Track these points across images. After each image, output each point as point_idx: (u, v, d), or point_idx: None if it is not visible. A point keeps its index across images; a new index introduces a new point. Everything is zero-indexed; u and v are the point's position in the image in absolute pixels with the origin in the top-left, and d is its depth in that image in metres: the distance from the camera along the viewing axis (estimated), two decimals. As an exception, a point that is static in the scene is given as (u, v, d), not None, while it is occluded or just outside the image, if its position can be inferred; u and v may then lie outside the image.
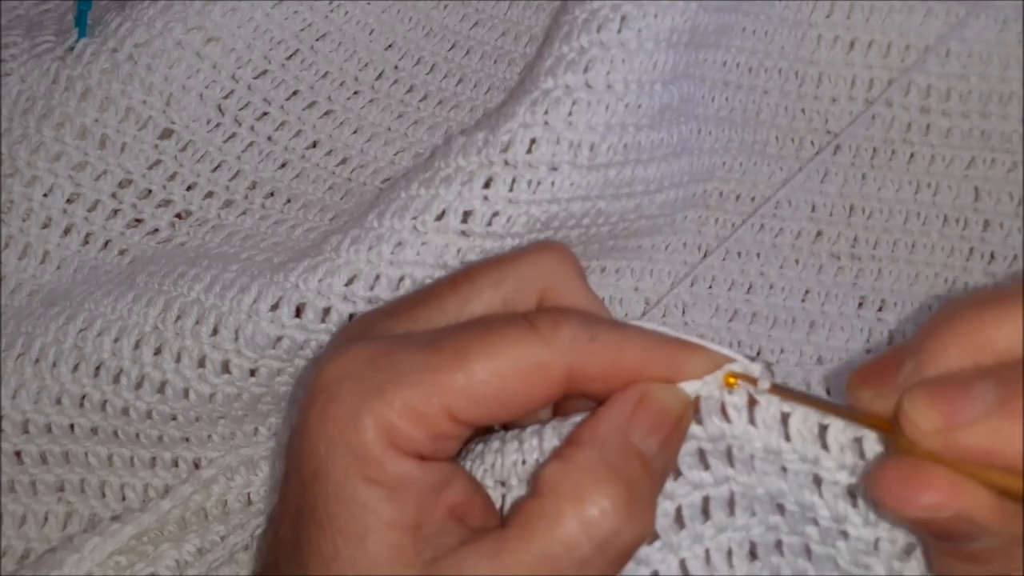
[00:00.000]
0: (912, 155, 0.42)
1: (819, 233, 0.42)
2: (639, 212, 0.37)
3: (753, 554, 0.26)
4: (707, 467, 0.25)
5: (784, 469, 0.24)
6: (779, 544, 0.25)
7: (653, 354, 0.24)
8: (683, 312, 0.40)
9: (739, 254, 0.41)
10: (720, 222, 0.42)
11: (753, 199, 0.42)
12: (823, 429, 0.23)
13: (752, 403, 0.24)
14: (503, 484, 0.25)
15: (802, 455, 0.24)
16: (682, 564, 0.25)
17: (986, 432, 0.20)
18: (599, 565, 0.22)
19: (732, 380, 0.24)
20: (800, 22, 0.42)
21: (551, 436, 0.25)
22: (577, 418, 0.25)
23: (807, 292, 0.41)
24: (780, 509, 0.25)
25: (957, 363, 0.21)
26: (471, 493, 0.24)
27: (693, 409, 0.24)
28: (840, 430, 0.23)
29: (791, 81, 0.43)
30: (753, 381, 0.24)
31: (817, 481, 0.24)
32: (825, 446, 0.23)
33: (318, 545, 0.23)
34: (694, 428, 0.24)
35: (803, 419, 0.24)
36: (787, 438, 0.24)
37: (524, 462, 0.25)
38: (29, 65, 0.39)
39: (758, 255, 0.41)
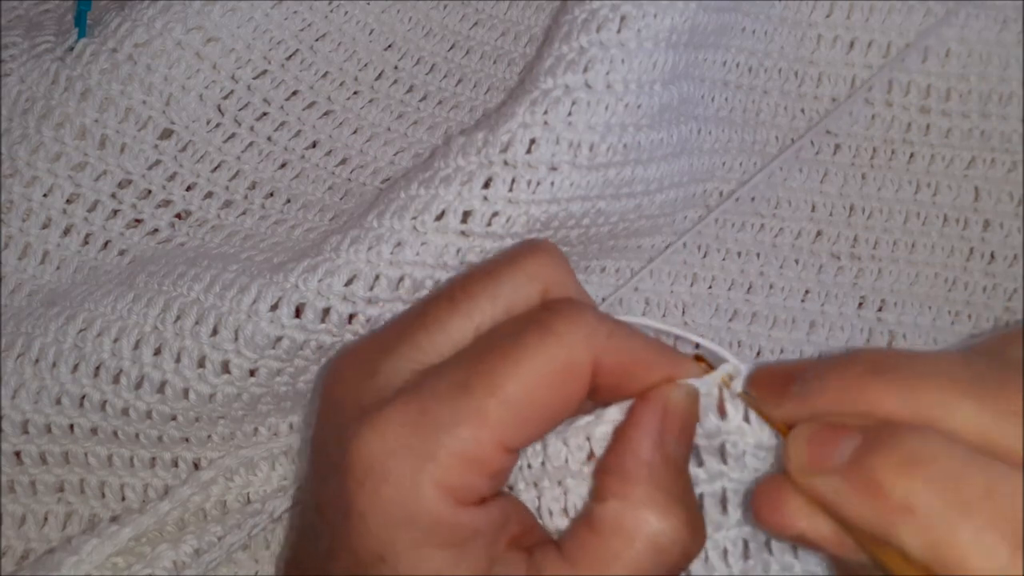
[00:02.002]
0: (912, 155, 0.42)
1: (819, 233, 0.42)
2: (639, 212, 0.37)
3: (746, 553, 0.26)
4: (701, 463, 0.25)
5: (775, 465, 0.24)
6: (768, 542, 0.26)
7: (657, 349, 0.24)
8: (683, 312, 0.40)
9: (739, 254, 0.41)
10: (720, 222, 0.42)
11: (753, 199, 0.42)
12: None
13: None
14: (511, 489, 0.26)
15: None
16: None
17: (830, 485, 0.21)
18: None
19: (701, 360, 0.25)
20: (800, 22, 0.42)
21: (554, 439, 0.25)
22: (581, 421, 0.25)
23: (807, 292, 0.41)
24: None
25: (832, 406, 0.22)
26: (523, 516, 0.25)
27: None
28: None
29: (791, 81, 0.43)
30: (727, 383, 0.25)
31: None
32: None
33: None
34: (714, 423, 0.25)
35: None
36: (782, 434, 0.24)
37: (529, 466, 0.25)
38: (29, 65, 0.39)
39: (758, 255, 0.41)
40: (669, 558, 0.23)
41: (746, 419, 0.24)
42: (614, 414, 0.25)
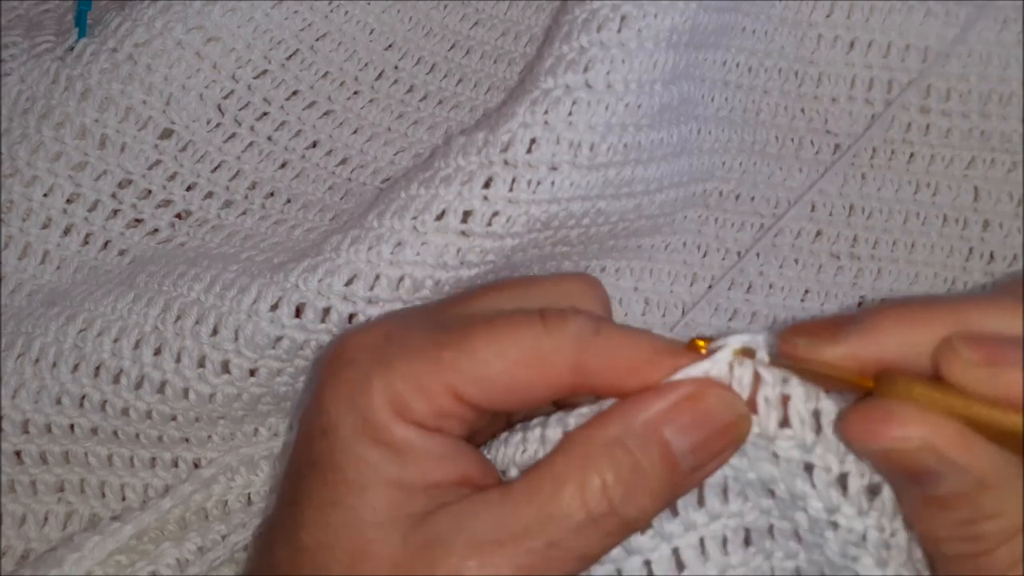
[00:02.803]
0: (912, 155, 0.42)
1: (819, 233, 0.42)
2: (639, 212, 0.37)
3: (747, 541, 0.26)
4: None
5: (776, 456, 0.24)
6: (771, 528, 0.26)
7: (659, 355, 0.24)
8: (683, 312, 0.40)
9: (739, 254, 0.41)
10: (720, 222, 0.42)
11: (753, 199, 0.42)
12: (816, 416, 0.23)
13: (755, 387, 0.24)
14: (504, 474, 0.26)
15: (799, 442, 0.24)
16: (675, 553, 0.25)
17: (1009, 378, 0.21)
18: (593, 536, 0.23)
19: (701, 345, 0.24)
20: (800, 22, 0.42)
21: (555, 426, 0.25)
22: (584, 408, 0.25)
23: (807, 292, 0.41)
24: (771, 493, 0.25)
25: (894, 341, 0.23)
26: (483, 470, 0.25)
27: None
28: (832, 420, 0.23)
29: (791, 81, 0.43)
30: (752, 355, 0.24)
31: (808, 469, 0.24)
32: (818, 429, 0.23)
33: (318, 494, 0.24)
34: None
35: (803, 401, 0.23)
36: (785, 424, 0.24)
37: (525, 451, 0.25)
38: (29, 65, 0.39)
39: (758, 255, 0.41)
40: (595, 503, 0.23)
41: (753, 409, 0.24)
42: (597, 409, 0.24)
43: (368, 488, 0.23)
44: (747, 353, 0.24)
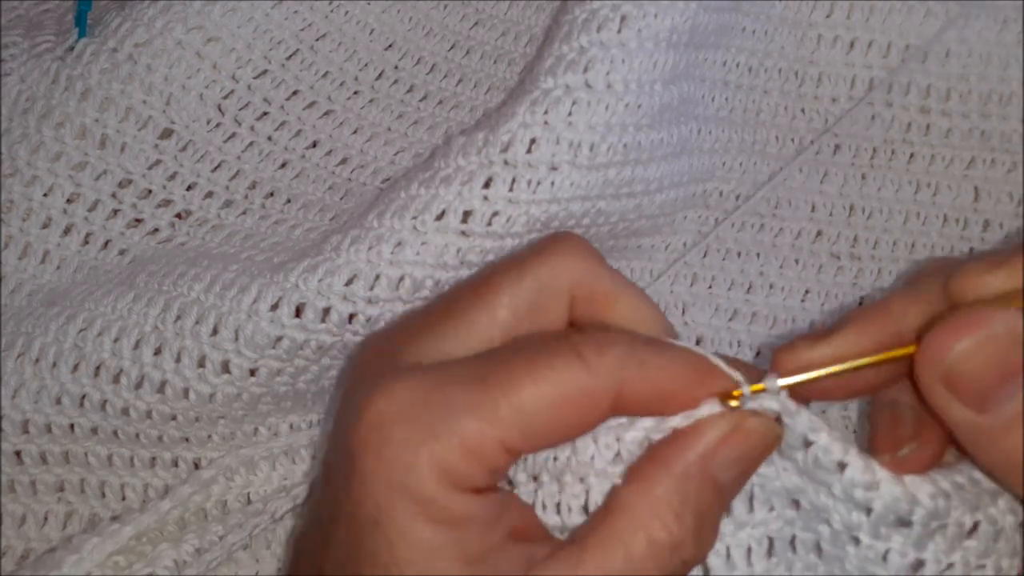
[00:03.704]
0: (912, 155, 0.42)
1: (819, 233, 0.42)
2: (639, 212, 0.37)
3: (770, 551, 0.26)
4: None
5: (803, 467, 0.24)
6: (793, 540, 0.26)
7: (700, 379, 0.24)
8: (683, 312, 0.40)
9: (739, 254, 0.41)
10: (720, 222, 0.42)
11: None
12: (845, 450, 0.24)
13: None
14: (535, 479, 0.26)
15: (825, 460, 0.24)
16: (703, 563, 0.25)
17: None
18: None
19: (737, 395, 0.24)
20: (800, 22, 0.42)
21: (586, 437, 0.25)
22: (614, 422, 0.25)
23: (807, 292, 0.41)
24: (796, 504, 0.25)
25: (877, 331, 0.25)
26: (525, 515, 0.25)
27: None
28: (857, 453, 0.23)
29: (791, 81, 0.43)
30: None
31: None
32: (842, 465, 0.23)
33: None
34: None
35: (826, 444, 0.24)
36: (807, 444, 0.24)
37: (555, 459, 0.25)
38: (29, 65, 0.39)
39: (758, 255, 0.41)
40: (666, 557, 0.23)
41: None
42: (648, 422, 0.24)
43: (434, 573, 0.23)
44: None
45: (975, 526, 0.24)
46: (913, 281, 0.26)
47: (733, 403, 0.24)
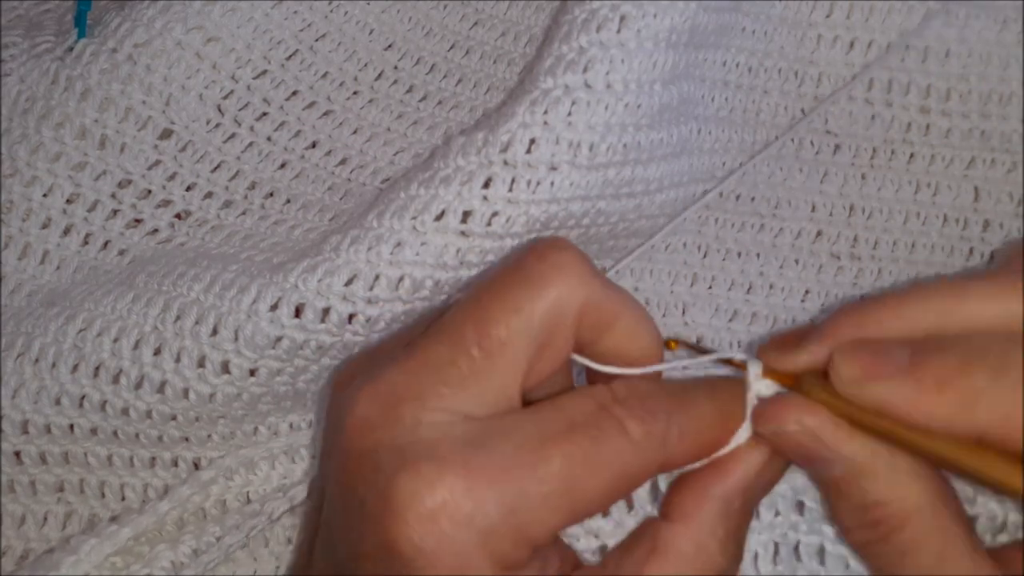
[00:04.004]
0: (912, 155, 0.42)
1: (819, 233, 0.42)
2: (639, 212, 0.37)
3: (775, 557, 0.26)
4: None
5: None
6: (798, 546, 0.26)
7: (733, 414, 0.25)
8: (683, 312, 0.40)
9: (739, 254, 0.41)
10: (720, 222, 0.41)
11: (753, 199, 0.42)
12: None
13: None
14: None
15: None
16: None
17: (890, 390, 0.23)
18: None
19: (673, 344, 0.26)
20: (800, 22, 0.42)
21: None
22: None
23: (807, 292, 0.41)
24: (800, 507, 0.25)
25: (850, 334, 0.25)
26: (563, 553, 0.25)
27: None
28: None
29: (791, 81, 0.43)
30: (743, 366, 0.25)
31: None
32: None
33: None
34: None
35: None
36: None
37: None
38: (29, 65, 0.39)
39: (758, 255, 0.41)
40: None
41: None
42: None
43: None
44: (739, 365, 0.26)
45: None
46: (914, 288, 0.26)
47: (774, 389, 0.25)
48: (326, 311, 0.32)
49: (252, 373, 0.34)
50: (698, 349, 0.26)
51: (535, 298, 0.25)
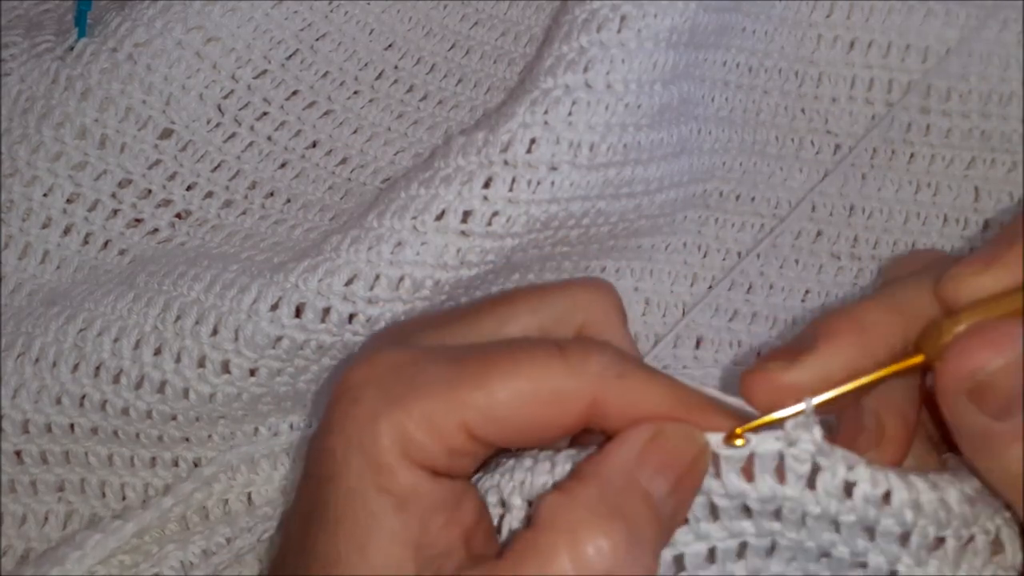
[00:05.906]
0: (912, 155, 0.42)
1: (819, 233, 0.42)
2: (639, 212, 0.37)
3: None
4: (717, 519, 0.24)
5: (836, 524, 0.23)
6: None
7: (679, 404, 0.23)
8: (683, 312, 0.40)
9: (739, 254, 0.41)
10: (720, 222, 0.42)
11: (753, 199, 0.42)
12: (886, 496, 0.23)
13: (816, 469, 0.22)
14: (503, 504, 0.25)
15: (861, 517, 0.23)
16: None
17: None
18: None
19: (739, 434, 0.23)
20: (800, 22, 0.42)
21: (563, 462, 0.24)
22: (574, 451, 0.24)
23: (807, 292, 0.41)
24: (827, 555, 0.24)
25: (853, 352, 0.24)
26: (479, 517, 0.24)
27: (709, 456, 0.23)
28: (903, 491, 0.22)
29: (791, 81, 0.43)
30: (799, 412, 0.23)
31: (869, 530, 0.23)
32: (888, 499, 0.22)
33: (323, 547, 0.23)
34: (738, 486, 0.23)
35: (869, 485, 0.22)
36: (848, 495, 0.22)
37: (531, 484, 0.24)
38: (29, 65, 0.39)
39: (758, 255, 0.41)
40: (592, 572, 0.21)
41: (811, 486, 0.22)
42: None
43: (368, 545, 0.22)
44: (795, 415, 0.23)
45: (971, 538, 0.24)
46: (883, 288, 0.25)
47: (739, 442, 0.23)
48: (326, 311, 0.32)
49: (252, 373, 0.34)
50: (762, 423, 0.24)
51: (554, 289, 0.27)
